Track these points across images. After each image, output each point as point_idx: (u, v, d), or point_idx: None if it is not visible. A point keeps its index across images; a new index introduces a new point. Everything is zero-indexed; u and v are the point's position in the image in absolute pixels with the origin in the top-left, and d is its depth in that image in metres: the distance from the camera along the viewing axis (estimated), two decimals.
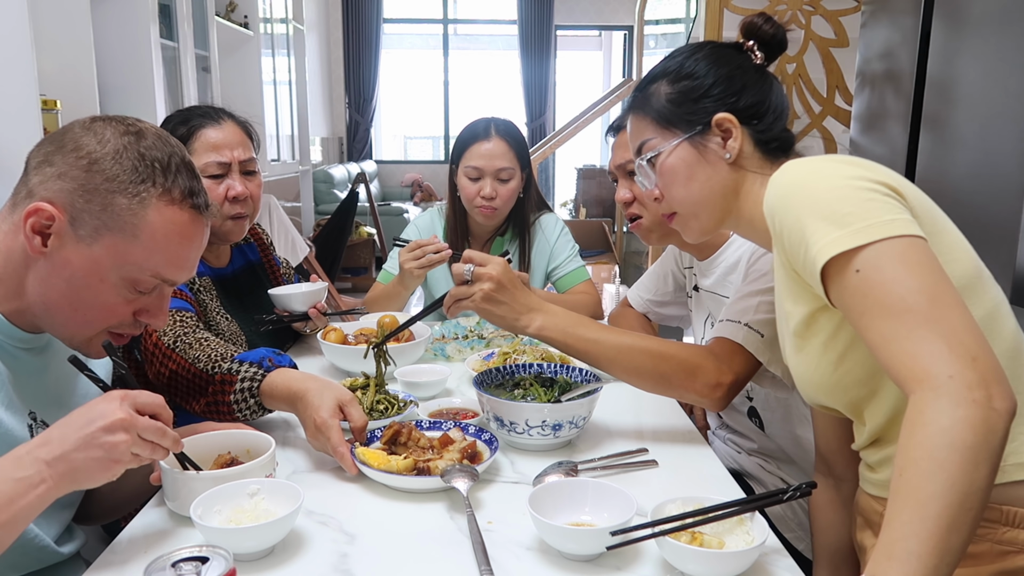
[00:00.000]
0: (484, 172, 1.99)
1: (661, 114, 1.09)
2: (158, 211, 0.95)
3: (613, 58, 9.92)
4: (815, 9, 3.00)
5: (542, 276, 2.16)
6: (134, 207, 0.93)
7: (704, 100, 1.07)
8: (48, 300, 0.96)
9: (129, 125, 0.96)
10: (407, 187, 8.74)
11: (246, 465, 1.02)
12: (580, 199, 6.73)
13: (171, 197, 0.96)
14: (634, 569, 0.91)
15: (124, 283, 0.96)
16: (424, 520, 1.03)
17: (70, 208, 0.92)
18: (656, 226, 1.51)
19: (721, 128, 1.06)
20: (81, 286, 0.95)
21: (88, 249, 0.93)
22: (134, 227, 0.94)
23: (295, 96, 5.85)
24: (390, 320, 1.70)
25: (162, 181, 0.95)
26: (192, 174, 0.99)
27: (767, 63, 1.12)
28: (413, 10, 9.03)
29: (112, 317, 0.99)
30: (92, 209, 0.92)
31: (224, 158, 1.55)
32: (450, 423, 1.24)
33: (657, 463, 1.18)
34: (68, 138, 0.94)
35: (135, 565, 0.91)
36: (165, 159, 0.96)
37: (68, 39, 2.84)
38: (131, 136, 0.95)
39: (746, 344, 1.24)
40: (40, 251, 0.92)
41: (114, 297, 0.97)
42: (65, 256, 0.93)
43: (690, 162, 1.07)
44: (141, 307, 1.00)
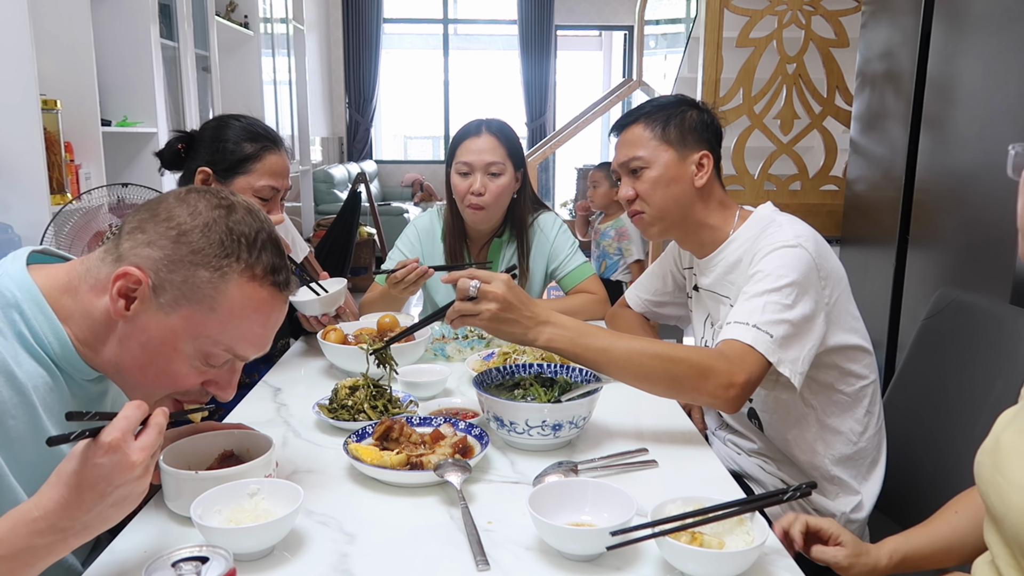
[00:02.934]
0: (474, 167, 1.99)
1: None
2: (239, 287, 0.95)
3: (613, 58, 9.92)
4: (815, 9, 3.00)
5: (542, 277, 2.15)
6: (215, 280, 0.93)
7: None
8: (122, 362, 0.96)
9: (222, 199, 0.97)
10: (407, 187, 8.74)
11: (246, 465, 1.02)
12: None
13: (253, 273, 0.96)
14: (634, 569, 0.91)
15: (197, 355, 0.96)
16: (421, 517, 1.03)
17: (155, 276, 0.93)
18: (657, 221, 1.54)
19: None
20: (155, 353, 0.95)
21: (167, 318, 0.93)
22: (212, 300, 0.94)
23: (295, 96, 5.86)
24: (390, 320, 1.70)
25: (246, 257, 0.95)
26: (277, 251, 0.99)
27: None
28: (413, 10, 9.03)
29: (180, 385, 0.99)
30: (175, 279, 0.93)
31: (279, 185, 1.68)
32: (440, 419, 1.25)
33: (657, 463, 1.18)
34: (162, 208, 0.95)
35: (135, 565, 0.91)
36: (252, 235, 0.96)
37: (68, 39, 2.84)
38: (222, 210, 0.95)
39: (756, 345, 1.25)
40: (123, 314, 0.93)
41: (186, 367, 0.97)
42: (144, 322, 0.94)
43: None
44: (210, 378, 1.00)
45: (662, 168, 1.50)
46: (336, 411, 1.32)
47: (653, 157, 1.51)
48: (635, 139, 1.54)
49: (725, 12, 3.00)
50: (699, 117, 1.53)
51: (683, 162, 1.51)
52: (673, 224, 1.55)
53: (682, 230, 1.56)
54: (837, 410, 1.45)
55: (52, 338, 0.94)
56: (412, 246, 2.13)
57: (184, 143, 1.70)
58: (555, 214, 2.20)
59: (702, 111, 1.55)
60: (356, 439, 1.18)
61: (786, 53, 3.00)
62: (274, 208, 1.70)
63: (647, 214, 1.54)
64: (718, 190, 1.55)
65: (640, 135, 1.53)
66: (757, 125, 3.06)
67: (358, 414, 1.30)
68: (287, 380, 1.61)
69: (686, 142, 1.51)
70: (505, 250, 2.14)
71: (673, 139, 1.51)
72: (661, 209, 1.52)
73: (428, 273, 1.84)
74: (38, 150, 2.55)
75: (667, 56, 6.86)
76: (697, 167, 1.51)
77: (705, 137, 1.52)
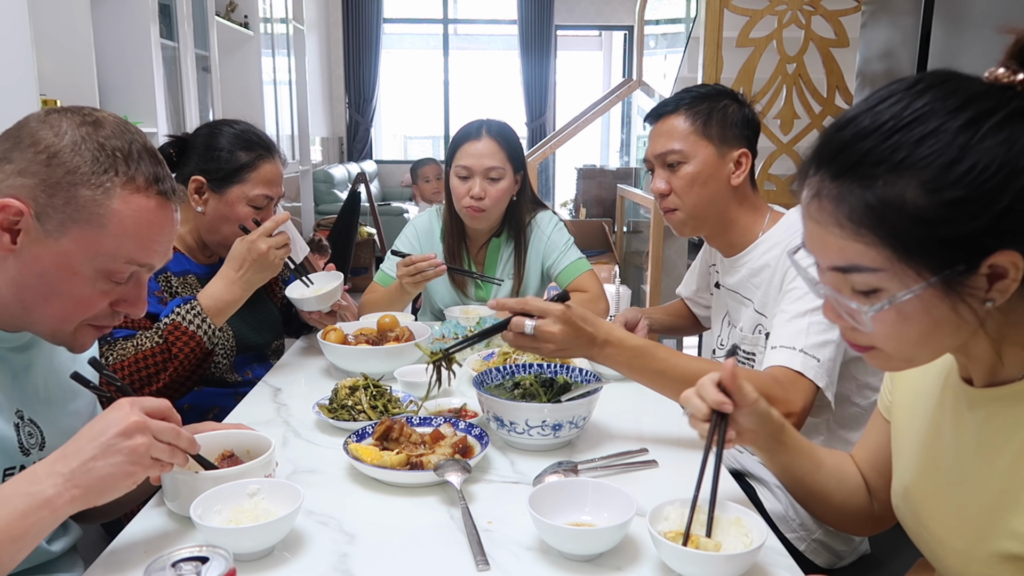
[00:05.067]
0: (473, 171, 1.98)
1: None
2: (123, 200, 0.93)
3: (613, 58, 9.92)
4: (815, 9, 3.00)
5: (539, 275, 2.15)
6: (98, 198, 0.92)
7: None
8: (23, 298, 0.94)
9: (86, 115, 0.95)
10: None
11: (246, 465, 1.02)
12: (580, 199, 6.73)
13: (136, 185, 0.94)
14: (634, 569, 0.91)
15: (99, 275, 0.95)
16: (421, 517, 1.03)
17: (34, 204, 0.90)
18: (690, 219, 1.50)
19: None
20: (55, 280, 0.93)
21: (56, 243, 0.92)
22: (100, 217, 0.92)
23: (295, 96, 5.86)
24: (390, 320, 1.70)
25: (124, 169, 0.93)
26: (155, 160, 0.98)
27: None
28: (413, 10, 9.03)
29: (89, 309, 0.97)
30: (56, 203, 0.91)
31: (273, 194, 1.68)
32: (440, 419, 1.25)
33: (657, 463, 1.18)
34: (24, 133, 0.92)
35: (135, 565, 0.91)
36: (126, 147, 0.94)
37: (68, 39, 2.84)
38: (88, 126, 0.93)
39: (805, 371, 1.25)
40: (10, 249, 0.91)
41: (89, 289, 0.95)
42: (35, 252, 0.92)
43: None
44: (118, 297, 0.99)
45: (700, 164, 1.45)
46: (336, 411, 1.32)
47: (692, 152, 1.45)
48: (674, 130, 1.47)
49: (725, 12, 3.00)
50: (740, 112, 1.47)
51: (722, 159, 1.45)
52: (704, 222, 1.51)
53: (713, 228, 1.53)
54: (850, 422, 1.44)
55: None
56: (411, 245, 2.13)
57: (176, 148, 1.68)
58: (552, 212, 2.19)
59: (743, 105, 1.49)
60: (356, 439, 1.18)
61: (786, 53, 3.00)
62: (268, 215, 1.68)
63: (680, 211, 1.50)
64: (751, 189, 1.51)
65: (680, 127, 1.46)
66: None
67: (358, 414, 1.31)
68: (287, 380, 1.61)
69: (726, 138, 1.45)
70: (503, 250, 2.13)
71: (714, 134, 1.45)
72: (695, 207, 1.48)
73: (441, 271, 1.84)
74: None
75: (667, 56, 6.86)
76: (735, 165, 1.46)
77: (745, 134, 1.47)
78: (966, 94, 0.71)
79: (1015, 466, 0.75)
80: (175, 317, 1.46)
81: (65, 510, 0.84)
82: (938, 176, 0.68)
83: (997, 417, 0.79)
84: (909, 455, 0.93)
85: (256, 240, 1.52)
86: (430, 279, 1.85)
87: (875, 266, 0.73)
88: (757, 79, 3.03)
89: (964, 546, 0.81)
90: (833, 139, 0.75)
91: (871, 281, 0.74)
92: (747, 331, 1.51)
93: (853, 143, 0.73)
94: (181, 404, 1.57)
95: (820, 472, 1.05)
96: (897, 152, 0.70)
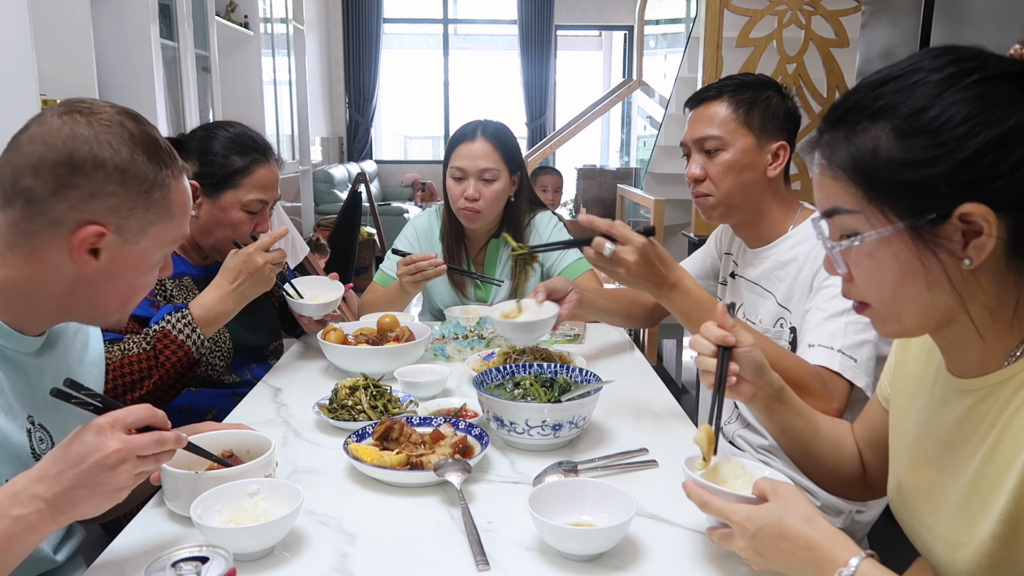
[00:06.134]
0: (467, 173, 1.98)
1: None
2: (176, 189, 1.00)
3: (613, 58, 9.92)
4: (815, 9, 3.00)
5: (538, 276, 2.14)
6: (165, 194, 0.98)
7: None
8: (94, 296, 0.98)
9: (102, 118, 0.94)
10: (407, 187, 8.74)
11: (246, 465, 1.02)
12: (580, 199, 6.73)
13: (176, 170, 1.00)
14: (634, 569, 0.91)
15: (162, 258, 1.03)
16: (421, 517, 1.03)
17: (114, 219, 0.94)
18: (721, 205, 1.50)
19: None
20: (131, 278, 1.00)
21: (136, 246, 0.97)
22: (169, 211, 0.99)
23: (295, 96, 5.86)
24: (390, 320, 1.70)
25: (168, 160, 0.98)
26: (162, 138, 1.02)
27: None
28: (413, 10, 9.03)
29: (145, 293, 1.05)
30: (137, 213, 0.95)
31: (268, 198, 1.67)
32: (440, 419, 1.25)
33: (657, 463, 1.18)
34: (76, 157, 0.91)
35: (135, 565, 0.91)
36: (151, 137, 0.98)
37: (68, 39, 2.84)
38: (118, 127, 0.94)
39: (843, 372, 1.27)
40: (93, 266, 0.95)
41: (151, 276, 1.03)
42: (115, 260, 0.96)
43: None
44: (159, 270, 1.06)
45: (739, 153, 1.45)
46: (336, 411, 1.32)
47: (731, 139, 1.45)
48: (715, 116, 1.46)
49: (725, 12, 3.00)
50: (782, 104, 1.47)
51: (761, 150, 1.45)
52: (736, 210, 1.51)
53: (743, 217, 1.53)
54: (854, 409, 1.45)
55: None
56: (411, 245, 2.13)
57: None
58: (551, 212, 2.19)
59: (786, 98, 1.48)
60: (356, 439, 1.18)
61: (786, 53, 3.00)
62: (262, 220, 1.67)
63: (713, 197, 1.49)
64: (784, 183, 1.51)
65: (721, 113, 1.46)
66: None
67: (358, 414, 1.31)
68: (287, 380, 1.61)
69: (767, 129, 1.45)
70: (503, 251, 2.13)
71: (755, 124, 1.44)
72: (729, 195, 1.47)
73: (441, 271, 1.84)
74: None
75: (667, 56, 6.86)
76: (773, 157, 1.45)
77: (786, 127, 1.47)
78: (957, 55, 0.75)
79: (995, 451, 0.77)
80: (165, 325, 1.45)
81: (48, 531, 0.84)
82: (907, 121, 0.73)
83: (981, 406, 0.81)
84: (904, 450, 0.95)
85: (253, 254, 1.50)
86: (430, 279, 1.85)
87: (851, 207, 0.78)
88: None
89: (951, 534, 0.82)
90: (838, 100, 0.81)
91: (848, 222, 0.78)
92: (767, 324, 1.50)
93: (847, 97, 0.80)
94: (178, 405, 1.57)
95: (816, 437, 1.09)
96: (877, 101, 0.76)
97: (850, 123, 0.77)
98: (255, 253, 1.51)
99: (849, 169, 0.77)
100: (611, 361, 1.73)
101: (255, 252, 1.51)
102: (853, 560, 0.75)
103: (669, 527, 1.00)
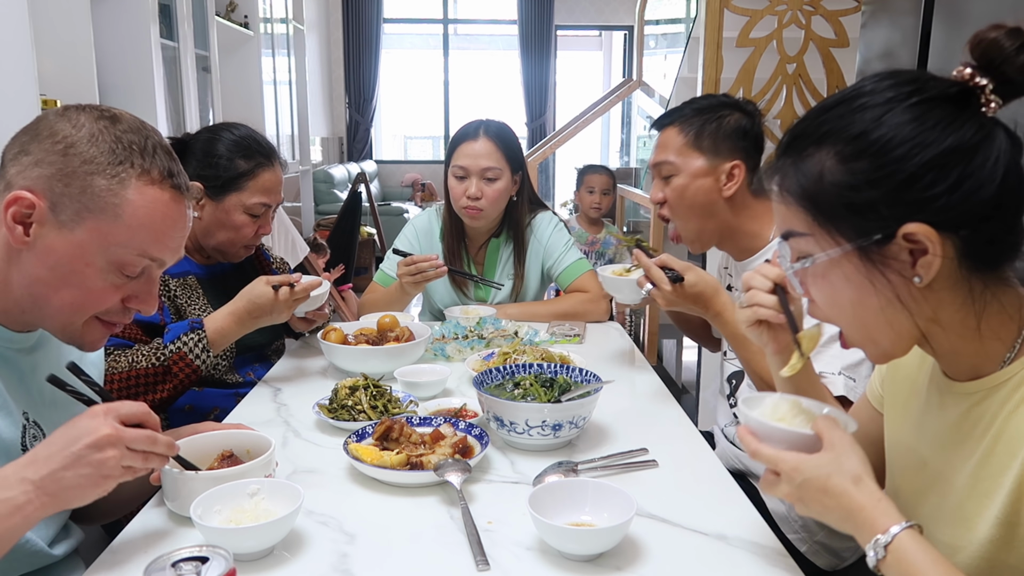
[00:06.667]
0: (470, 172, 1.99)
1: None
2: (138, 191, 0.94)
3: (613, 58, 9.91)
4: (815, 9, 3.00)
5: (538, 277, 2.15)
6: (114, 187, 0.92)
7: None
8: (35, 291, 0.94)
9: (103, 111, 0.96)
10: (407, 187, 8.74)
11: (246, 465, 1.02)
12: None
13: (151, 177, 0.95)
14: (634, 569, 0.91)
15: (111, 266, 0.95)
16: (421, 517, 1.03)
17: (49, 194, 0.91)
18: (684, 231, 1.55)
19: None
20: (67, 272, 0.93)
21: (71, 234, 0.92)
22: (116, 207, 0.93)
23: (295, 96, 5.86)
24: (390, 320, 1.70)
25: (140, 162, 0.94)
26: (170, 156, 0.99)
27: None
28: (413, 10, 9.02)
29: (100, 303, 0.97)
30: (71, 193, 0.91)
31: (270, 200, 1.66)
32: (440, 419, 1.25)
33: (657, 463, 1.18)
34: (43, 126, 0.93)
35: (135, 565, 0.91)
36: (142, 141, 0.95)
37: (68, 39, 2.84)
38: (106, 120, 0.94)
39: (848, 394, 1.26)
40: (23, 241, 0.91)
41: (101, 282, 0.95)
42: (48, 244, 0.92)
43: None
44: (129, 293, 0.99)
45: (689, 176, 1.49)
46: (336, 411, 1.32)
47: (683, 164, 1.49)
48: (667, 142, 1.52)
49: (725, 12, 3.00)
50: (737, 123, 1.49)
51: (713, 171, 1.48)
52: (701, 233, 1.54)
53: (716, 236, 1.56)
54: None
55: None
56: (411, 245, 2.13)
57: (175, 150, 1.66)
58: (552, 213, 2.19)
59: (746, 115, 1.51)
60: (356, 439, 1.18)
61: (786, 53, 3.00)
62: (265, 223, 1.67)
63: (673, 221, 1.55)
64: (751, 198, 1.52)
65: (673, 139, 1.51)
66: None
67: (358, 414, 1.31)
68: (287, 380, 1.61)
69: (719, 151, 1.48)
70: (503, 251, 2.14)
71: (706, 147, 1.48)
72: (686, 218, 1.52)
73: (441, 273, 1.84)
74: None
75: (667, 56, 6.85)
76: (727, 177, 1.48)
77: (741, 145, 1.49)
78: (898, 79, 0.77)
79: (991, 454, 0.77)
80: (181, 347, 1.45)
81: (36, 516, 0.84)
82: (849, 145, 0.76)
83: (976, 409, 0.80)
84: (899, 453, 0.95)
85: (282, 303, 1.50)
86: (430, 280, 1.86)
87: (802, 230, 0.81)
88: (757, 79, 3.03)
89: (949, 538, 0.82)
90: (790, 127, 0.85)
91: (802, 245, 0.82)
92: None
93: (797, 124, 0.83)
94: (182, 405, 1.57)
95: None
96: (823, 127, 0.79)
97: (798, 149, 0.80)
98: (284, 304, 1.51)
99: (797, 194, 0.80)
100: (611, 361, 1.73)
101: (285, 303, 1.51)
102: (894, 528, 0.74)
103: (669, 527, 1.00)
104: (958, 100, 0.75)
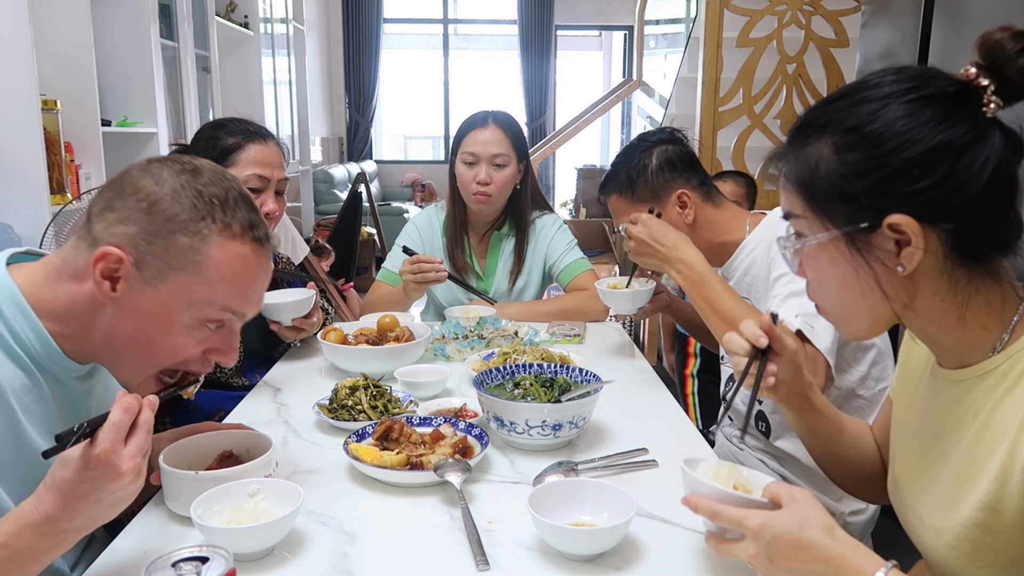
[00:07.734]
0: (479, 158, 2.02)
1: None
2: (220, 247, 0.94)
3: (613, 58, 9.92)
4: (815, 9, 3.00)
5: (540, 276, 2.16)
6: (196, 244, 0.93)
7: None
8: (117, 344, 0.95)
9: (185, 164, 0.97)
10: (407, 187, 8.74)
11: (246, 465, 1.02)
12: (580, 199, 6.72)
13: (232, 232, 0.95)
14: (634, 569, 0.91)
15: (195, 322, 0.95)
16: (421, 517, 1.03)
17: (134, 251, 0.92)
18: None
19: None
20: (152, 329, 0.94)
21: (156, 291, 0.92)
22: (198, 264, 0.93)
23: (295, 96, 5.86)
24: (390, 320, 1.70)
25: (221, 216, 0.94)
26: (251, 207, 0.99)
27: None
28: (413, 10, 9.03)
29: (181, 356, 0.98)
30: (155, 251, 0.92)
31: (266, 174, 1.64)
32: (440, 419, 1.25)
33: (657, 463, 1.18)
34: (127, 182, 0.94)
35: (135, 565, 0.91)
36: (223, 194, 0.95)
37: (68, 39, 2.84)
38: (188, 175, 0.95)
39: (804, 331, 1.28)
40: (109, 296, 0.92)
41: (184, 338, 0.96)
42: (134, 300, 0.93)
43: None
44: (211, 346, 0.99)
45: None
46: (336, 411, 1.32)
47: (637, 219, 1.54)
48: (617, 208, 1.63)
49: (725, 12, 3.00)
50: (660, 157, 1.56)
51: (667, 211, 1.55)
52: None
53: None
54: (856, 413, 1.45)
55: (33, 337, 0.93)
56: (413, 243, 2.14)
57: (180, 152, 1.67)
58: (556, 215, 2.22)
59: (665, 143, 1.57)
60: (356, 439, 1.18)
61: (786, 53, 3.00)
62: (267, 199, 1.64)
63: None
64: (713, 211, 1.57)
65: (618, 204, 1.62)
66: (757, 125, 3.06)
67: (358, 414, 1.31)
68: (287, 380, 1.61)
69: (658, 191, 1.56)
70: (504, 243, 2.15)
71: (646, 195, 1.56)
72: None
73: (441, 278, 1.86)
74: (38, 150, 2.55)
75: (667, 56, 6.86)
76: (680, 207, 1.55)
77: (672, 175, 1.55)
78: (902, 75, 0.80)
79: (978, 439, 0.79)
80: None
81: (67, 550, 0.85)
82: (845, 136, 0.80)
83: (968, 396, 0.82)
84: (901, 442, 0.96)
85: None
86: (430, 283, 1.88)
87: (799, 212, 0.85)
88: (757, 79, 3.04)
89: (936, 521, 0.84)
90: (798, 117, 0.89)
91: (798, 226, 0.87)
92: None
93: (805, 114, 0.87)
94: (186, 405, 1.57)
95: (842, 436, 1.08)
96: (824, 117, 0.83)
97: (801, 138, 0.84)
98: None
99: (795, 180, 0.84)
100: (611, 361, 1.73)
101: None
102: (879, 572, 0.73)
103: (669, 527, 1.00)
104: (956, 99, 0.77)
